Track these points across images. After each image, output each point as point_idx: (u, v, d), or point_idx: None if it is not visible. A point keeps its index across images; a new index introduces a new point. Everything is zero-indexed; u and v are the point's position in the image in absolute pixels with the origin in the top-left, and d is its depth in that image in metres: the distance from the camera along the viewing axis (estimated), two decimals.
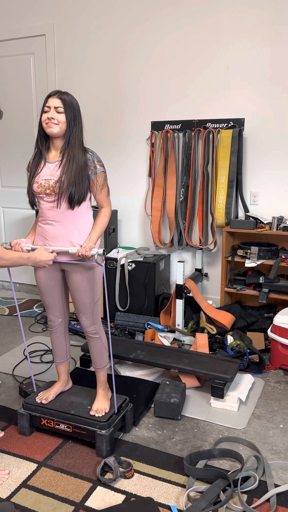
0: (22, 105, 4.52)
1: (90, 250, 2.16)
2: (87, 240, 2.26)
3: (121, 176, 4.22)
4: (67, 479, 2.14)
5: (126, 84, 4.04)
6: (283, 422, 2.57)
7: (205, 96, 3.77)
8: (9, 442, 2.40)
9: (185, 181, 3.83)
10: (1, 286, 5.02)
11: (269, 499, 2.01)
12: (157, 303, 3.87)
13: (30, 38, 4.36)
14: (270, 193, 3.72)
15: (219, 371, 2.74)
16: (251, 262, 3.50)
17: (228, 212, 3.67)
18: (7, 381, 3.03)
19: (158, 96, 3.94)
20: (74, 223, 2.25)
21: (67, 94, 2.21)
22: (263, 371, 3.12)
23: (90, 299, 2.31)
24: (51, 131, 2.19)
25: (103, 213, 2.32)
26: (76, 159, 2.19)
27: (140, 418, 2.58)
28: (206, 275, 4.03)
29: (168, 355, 2.97)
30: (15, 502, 2.00)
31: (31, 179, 2.27)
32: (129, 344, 3.13)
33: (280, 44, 3.47)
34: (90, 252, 2.15)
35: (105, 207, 2.32)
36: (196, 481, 2.11)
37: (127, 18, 3.92)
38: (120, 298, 3.93)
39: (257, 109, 3.63)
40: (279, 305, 3.74)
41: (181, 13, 3.72)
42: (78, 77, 4.23)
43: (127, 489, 2.07)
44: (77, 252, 2.17)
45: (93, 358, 2.45)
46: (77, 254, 2.17)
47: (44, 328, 3.90)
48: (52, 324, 2.47)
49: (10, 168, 4.73)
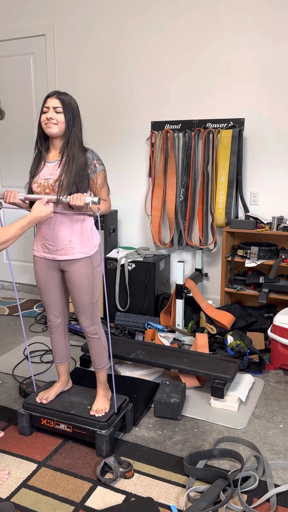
0: (22, 105, 4.52)
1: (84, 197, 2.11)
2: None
3: (121, 176, 4.22)
4: (67, 479, 2.14)
5: (126, 84, 4.04)
6: (283, 422, 2.57)
7: (205, 96, 3.77)
8: (9, 442, 2.40)
9: (185, 181, 3.83)
10: (1, 286, 5.02)
11: (269, 499, 2.01)
12: (157, 303, 3.87)
13: (30, 38, 4.36)
14: (270, 193, 3.72)
15: (219, 371, 2.74)
16: (251, 262, 3.50)
17: (228, 212, 3.67)
18: (7, 381, 3.03)
19: (158, 96, 3.94)
20: (73, 223, 2.25)
21: (66, 95, 2.22)
22: (263, 371, 3.12)
23: (89, 300, 2.31)
24: (50, 131, 2.20)
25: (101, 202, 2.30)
26: (76, 159, 2.19)
27: (140, 418, 2.58)
28: (206, 275, 4.03)
29: (168, 355, 2.97)
30: (15, 502, 2.00)
31: (31, 180, 2.28)
32: (129, 344, 3.13)
33: (280, 44, 3.47)
34: (85, 199, 2.11)
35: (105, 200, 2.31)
36: (196, 481, 2.11)
37: (127, 18, 3.92)
38: (120, 298, 3.93)
39: (257, 109, 3.63)
40: (279, 305, 3.74)
41: (181, 13, 3.72)
42: (78, 77, 4.23)
43: (127, 489, 2.07)
44: (70, 200, 2.11)
45: (93, 358, 2.45)
46: (70, 202, 2.11)
47: (44, 328, 3.90)
48: (51, 324, 2.47)
49: (10, 168, 4.73)
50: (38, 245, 2.35)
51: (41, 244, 2.32)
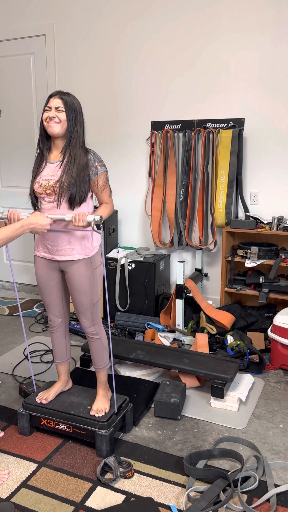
0: (22, 105, 4.52)
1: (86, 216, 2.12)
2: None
3: (121, 176, 4.22)
4: (67, 479, 2.14)
5: (126, 84, 4.04)
6: (283, 422, 2.57)
7: (205, 96, 3.77)
8: (9, 442, 2.40)
9: (185, 181, 3.83)
10: (1, 286, 5.02)
11: (269, 499, 2.01)
12: (157, 303, 3.87)
13: (30, 38, 4.36)
14: (270, 193, 3.72)
15: (219, 371, 2.74)
16: (251, 262, 3.50)
17: (228, 212, 3.67)
18: (7, 381, 3.03)
19: (158, 96, 3.94)
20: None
21: (69, 95, 2.21)
22: (263, 371, 3.12)
23: (89, 300, 2.31)
24: (52, 130, 2.19)
25: (103, 206, 2.30)
26: (78, 159, 2.19)
27: (140, 418, 2.58)
28: (206, 275, 4.03)
29: (168, 355, 2.97)
30: (15, 502, 2.00)
31: (32, 180, 2.28)
32: (129, 344, 3.13)
33: (280, 44, 3.47)
34: (87, 218, 2.12)
35: (107, 203, 2.32)
36: (196, 481, 2.11)
37: (127, 18, 3.92)
38: (120, 298, 3.93)
39: (257, 109, 3.63)
40: (279, 305, 3.74)
41: (181, 13, 3.72)
42: (78, 77, 4.23)
43: (127, 489, 2.07)
44: (72, 218, 2.12)
45: (94, 358, 2.45)
46: (73, 221, 2.12)
47: (44, 328, 3.90)
48: (52, 324, 2.47)
49: (10, 168, 4.73)
50: (39, 245, 2.35)
51: (41, 244, 2.33)
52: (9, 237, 1.95)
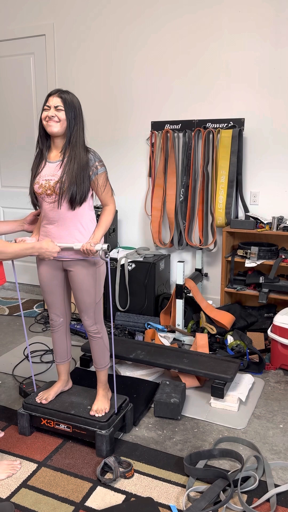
0: (22, 105, 4.52)
1: (94, 245, 2.16)
2: (92, 237, 2.26)
3: (121, 176, 4.22)
4: (67, 479, 2.14)
5: (126, 84, 4.04)
6: (283, 422, 2.57)
7: (205, 96, 3.77)
8: (9, 442, 2.40)
9: (185, 181, 3.83)
10: (1, 286, 5.01)
11: (269, 499, 2.01)
12: (157, 303, 3.87)
13: (30, 38, 4.36)
14: (270, 193, 3.72)
15: (219, 371, 2.74)
16: (251, 262, 3.50)
17: (228, 212, 3.67)
18: (7, 381, 3.03)
19: (158, 96, 3.94)
20: (76, 224, 2.25)
21: (68, 93, 2.20)
22: (263, 371, 3.12)
23: (92, 299, 2.31)
24: (51, 129, 2.18)
25: (107, 211, 2.32)
26: (78, 159, 2.18)
27: (140, 418, 2.58)
28: (206, 275, 4.03)
29: (168, 355, 2.97)
30: (15, 502, 2.00)
31: (32, 180, 2.27)
32: (129, 344, 3.13)
33: (280, 44, 3.47)
34: (95, 247, 2.16)
35: (109, 205, 2.32)
36: (196, 481, 2.11)
37: (126, 18, 3.92)
38: (120, 298, 3.93)
39: (257, 109, 3.63)
40: (279, 305, 3.74)
41: (181, 13, 3.72)
42: (78, 77, 4.23)
43: (127, 489, 2.07)
44: (81, 247, 2.18)
45: (94, 358, 2.45)
46: (81, 249, 2.18)
47: (44, 328, 3.90)
48: (53, 323, 2.47)
49: (10, 168, 4.73)
50: None
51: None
52: (17, 253, 2.04)
